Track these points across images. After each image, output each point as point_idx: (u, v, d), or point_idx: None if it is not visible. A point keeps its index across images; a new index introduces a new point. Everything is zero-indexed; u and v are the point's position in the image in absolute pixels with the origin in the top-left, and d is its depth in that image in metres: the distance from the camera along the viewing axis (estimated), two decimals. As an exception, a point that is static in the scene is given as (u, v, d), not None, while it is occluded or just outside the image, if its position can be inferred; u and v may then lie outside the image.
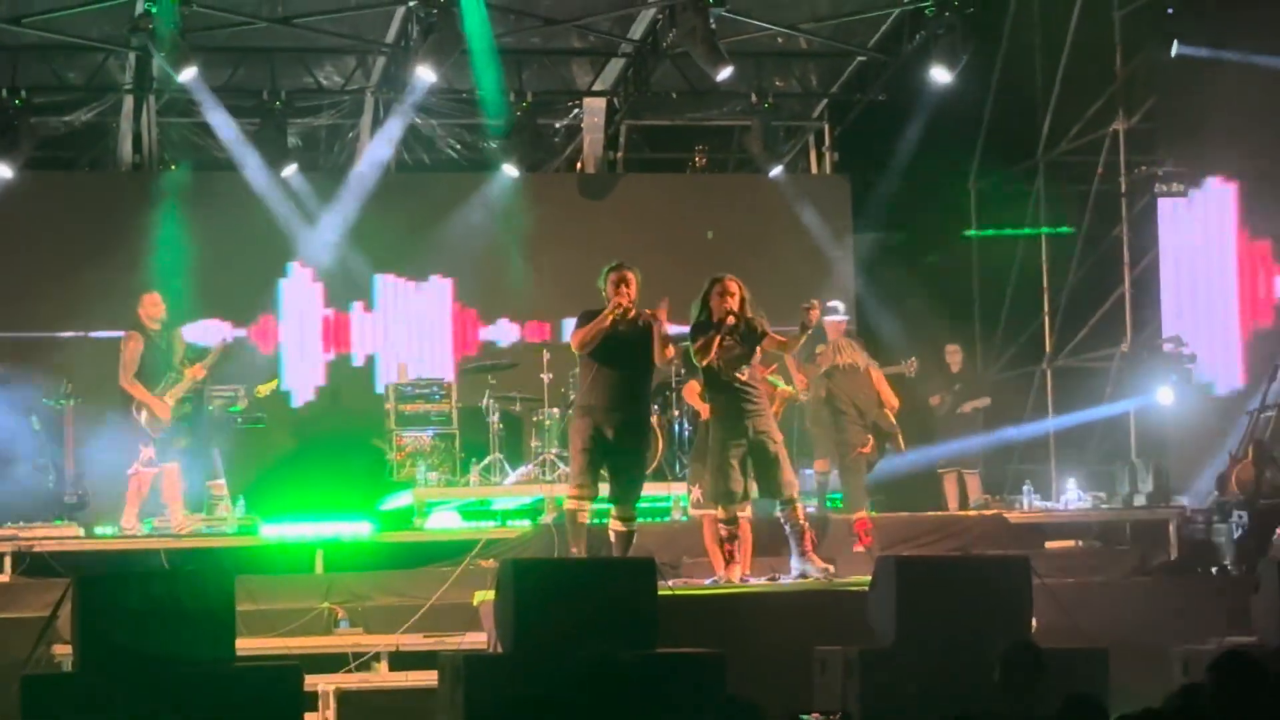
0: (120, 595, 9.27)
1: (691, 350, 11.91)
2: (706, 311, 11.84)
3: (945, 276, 19.30)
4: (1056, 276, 18.75)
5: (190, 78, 16.33)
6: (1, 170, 17.02)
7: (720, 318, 11.73)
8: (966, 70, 17.21)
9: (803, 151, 20.36)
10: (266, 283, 18.20)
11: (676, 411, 15.91)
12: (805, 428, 14.95)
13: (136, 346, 14.55)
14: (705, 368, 11.86)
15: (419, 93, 17.48)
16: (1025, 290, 19.01)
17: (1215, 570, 14.71)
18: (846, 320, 15.26)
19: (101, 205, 18.09)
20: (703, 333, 11.79)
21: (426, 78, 16.58)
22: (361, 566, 13.85)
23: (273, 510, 15.24)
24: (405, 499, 15.52)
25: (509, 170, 18.40)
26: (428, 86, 17.14)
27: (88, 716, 8.94)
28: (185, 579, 9.86)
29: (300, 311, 18.42)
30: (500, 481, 15.72)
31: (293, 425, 17.50)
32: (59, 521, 15.08)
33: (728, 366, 11.79)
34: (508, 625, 9.71)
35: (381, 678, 12.51)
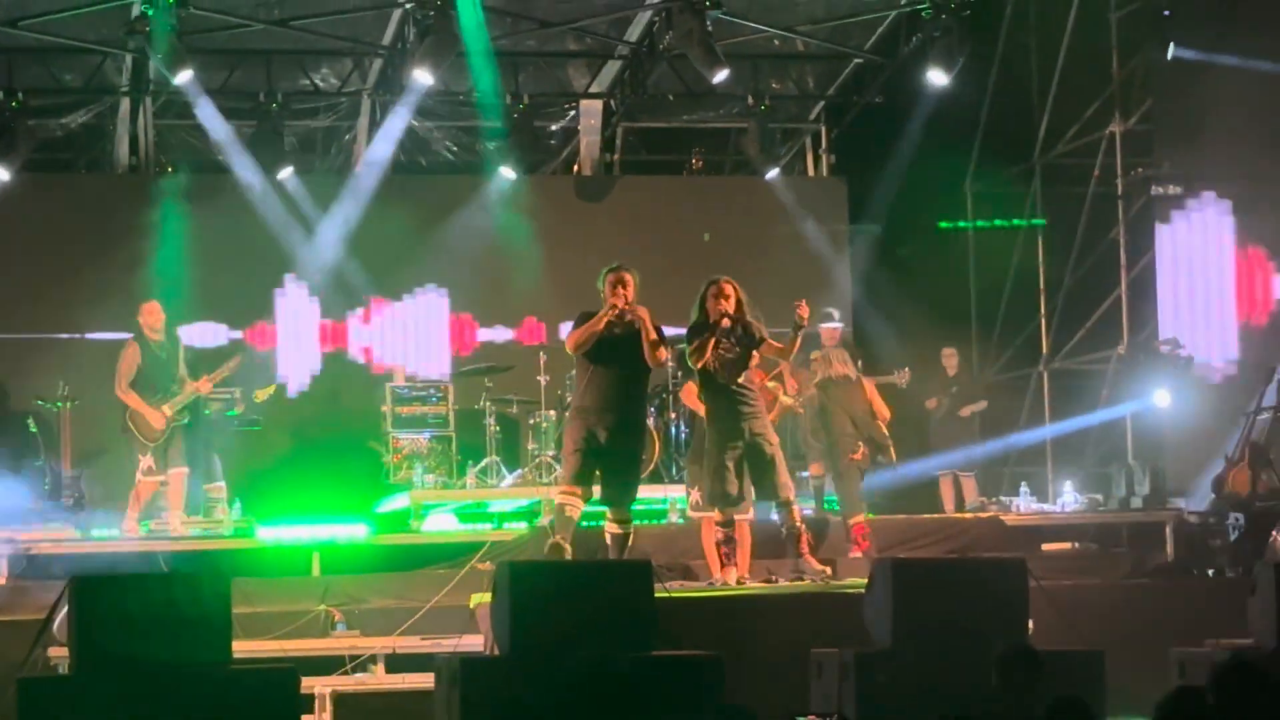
0: (117, 598, 9.26)
1: (686, 352, 11.91)
2: (703, 313, 11.83)
3: (942, 279, 19.29)
4: (1053, 279, 18.76)
5: (186, 80, 16.34)
6: (-2, 172, 17.04)
7: (715, 319, 11.73)
8: (963, 72, 17.21)
9: (799, 154, 20.36)
10: (263, 285, 18.18)
11: (673, 413, 15.90)
12: (802, 440, 14.92)
13: (133, 356, 14.54)
14: (701, 370, 11.85)
15: (417, 95, 17.47)
16: (1022, 293, 19.00)
17: (1211, 572, 14.71)
18: (841, 327, 15.23)
19: (98, 207, 18.07)
20: (698, 334, 11.78)
21: (424, 80, 16.57)
22: (358, 569, 13.84)
23: (269, 513, 15.24)
24: (402, 501, 15.51)
25: (506, 172, 18.40)
26: (425, 89, 17.13)
27: (84, 719, 8.94)
28: (181, 581, 9.87)
29: (297, 317, 18.41)
30: (497, 484, 15.72)
31: (289, 427, 17.48)
32: (55, 523, 15.08)
33: (724, 371, 11.78)
34: (504, 628, 9.71)
35: (378, 680, 12.50)
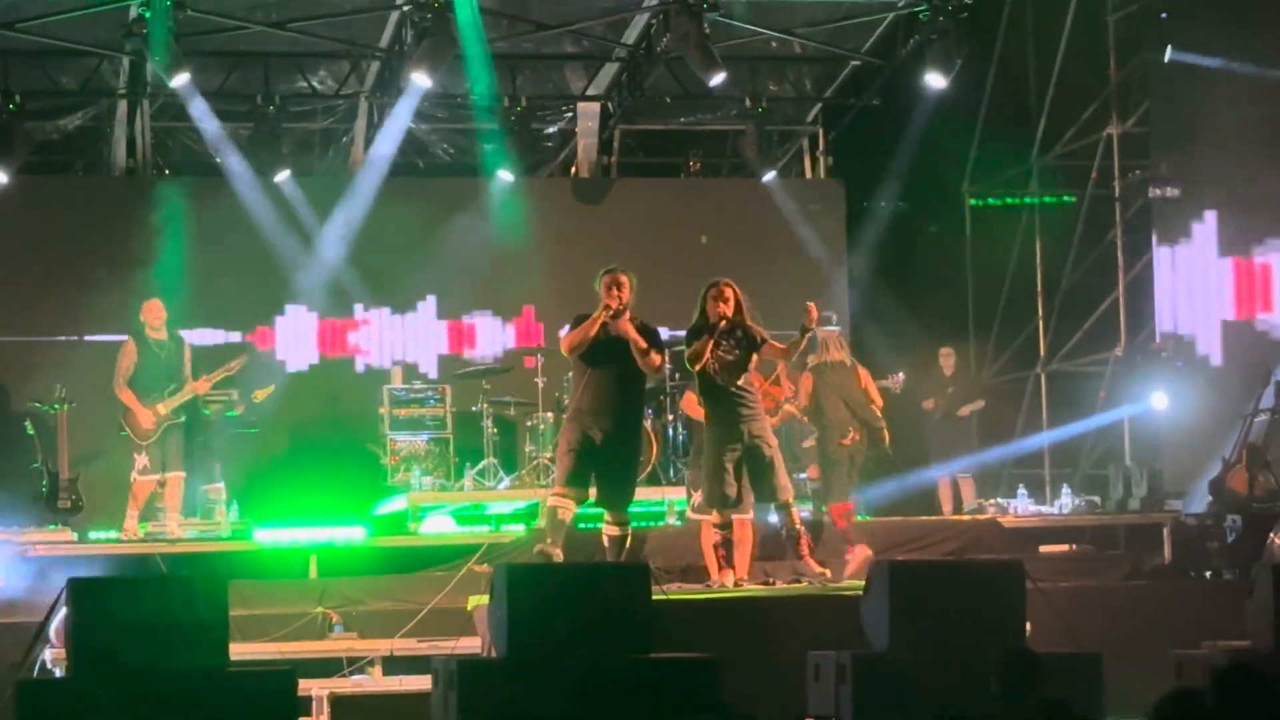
0: (114, 601, 9.26)
1: (685, 354, 11.90)
2: (703, 316, 11.83)
3: (939, 280, 19.29)
4: (1051, 281, 18.75)
5: (183, 83, 16.31)
6: (-4, 175, 17.03)
7: (715, 321, 11.72)
8: (961, 75, 17.20)
9: (797, 156, 20.35)
10: (262, 288, 18.15)
11: (671, 415, 15.90)
12: (796, 444, 14.86)
13: (131, 354, 14.59)
14: (700, 372, 11.84)
15: (417, 96, 17.43)
16: (1019, 294, 19.00)
17: (1209, 574, 14.72)
18: (838, 330, 15.21)
19: (95, 209, 18.06)
20: (697, 337, 11.78)
21: (422, 83, 16.55)
22: (355, 571, 13.83)
23: (267, 515, 15.23)
24: (399, 503, 15.50)
25: (503, 175, 18.38)
26: (424, 92, 17.11)
27: (81, 722, 8.96)
28: (179, 584, 9.88)
29: (296, 322, 18.43)
30: (494, 486, 15.71)
31: (287, 429, 17.46)
32: (53, 526, 15.08)
33: (723, 373, 11.77)
34: (502, 630, 9.71)
35: (375, 682, 12.49)
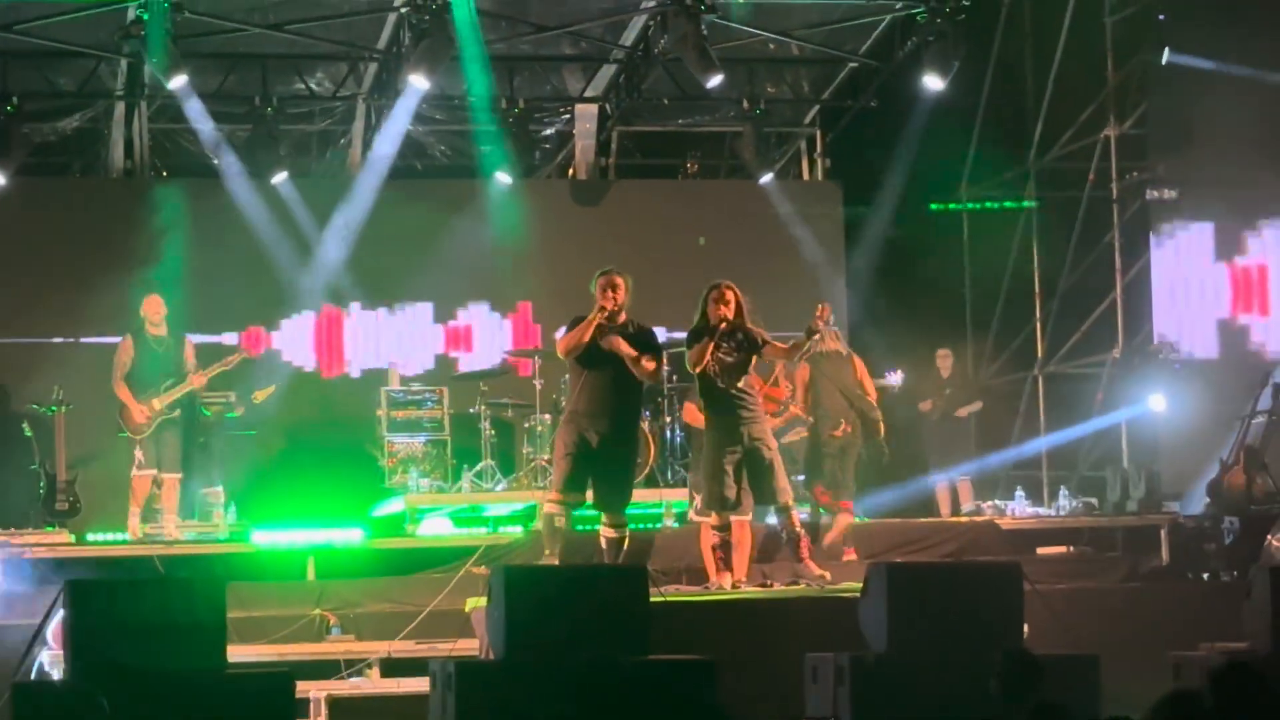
0: (111, 602, 9.26)
1: (686, 356, 11.92)
2: (703, 318, 11.84)
3: (937, 283, 19.29)
4: (1049, 282, 18.75)
5: (180, 85, 16.30)
6: (-6, 176, 17.02)
7: (715, 324, 11.73)
8: (958, 77, 17.20)
9: (794, 158, 20.34)
10: (259, 290, 18.13)
11: (669, 418, 15.89)
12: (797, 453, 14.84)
13: (127, 349, 14.64)
14: (701, 374, 11.85)
15: (417, 97, 17.40)
16: (1017, 296, 19.00)
17: (1207, 576, 14.73)
18: (835, 331, 15.17)
19: (93, 211, 18.05)
20: (698, 339, 11.79)
21: (420, 85, 16.54)
22: (353, 573, 13.83)
23: (264, 517, 15.23)
24: (397, 505, 15.50)
25: (501, 176, 18.37)
26: (422, 93, 17.09)
27: (78, 725, 8.95)
28: (176, 586, 9.87)
29: (292, 323, 18.43)
30: (492, 488, 15.71)
31: (284, 431, 17.46)
32: (50, 528, 15.08)
33: (724, 375, 11.77)
34: (499, 632, 9.71)
35: (373, 684, 12.49)
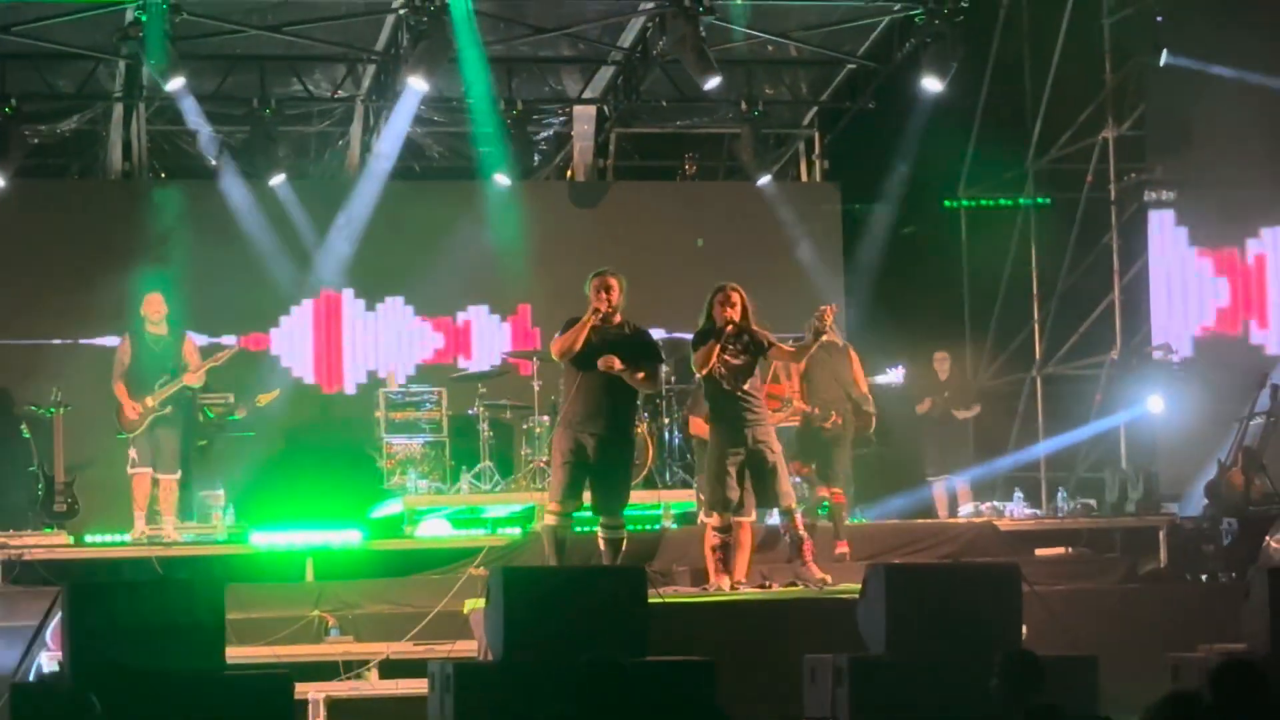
0: (110, 604, 9.26)
1: (692, 358, 11.93)
2: (709, 320, 11.86)
3: (935, 284, 19.29)
4: (1046, 284, 18.76)
5: (178, 87, 16.28)
6: (-8, 178, 17.00)
7: (721, 326, 11.74)
8: (956, 78, 17.21)
9: (793, 159, 20.33)
10: (257, 292, 18.12)
11: (667, 419, 15.89)
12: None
13: (125, 348, 14.71)
14: (706, 377, 11.86)
15: (415, 100, 17.39)
16: (1015, 297, 19.00)
17: (1205, 577, 14.73)
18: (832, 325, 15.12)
19: (91, 213, 18.04)
20: (704, 341, 11.81)
21: (418, 87, 16.54)
22: (352, 574, 13.83)
23: (263, 518, 15.22)
24: (395, 507, 15.50)
25: (499, 178, 18.36)
26: (421, 95, 17.09)
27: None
28: (175, 588, 9.87)
29: (291, 325, 18.43)
30: (490, 489, 15.70)
31: (283, 433, 17.45)
32: (48, 530, 15.09)
33: (730, 377, 11.78)
34: (498, 634, 9.71)
35: (372, 686, 12.49)
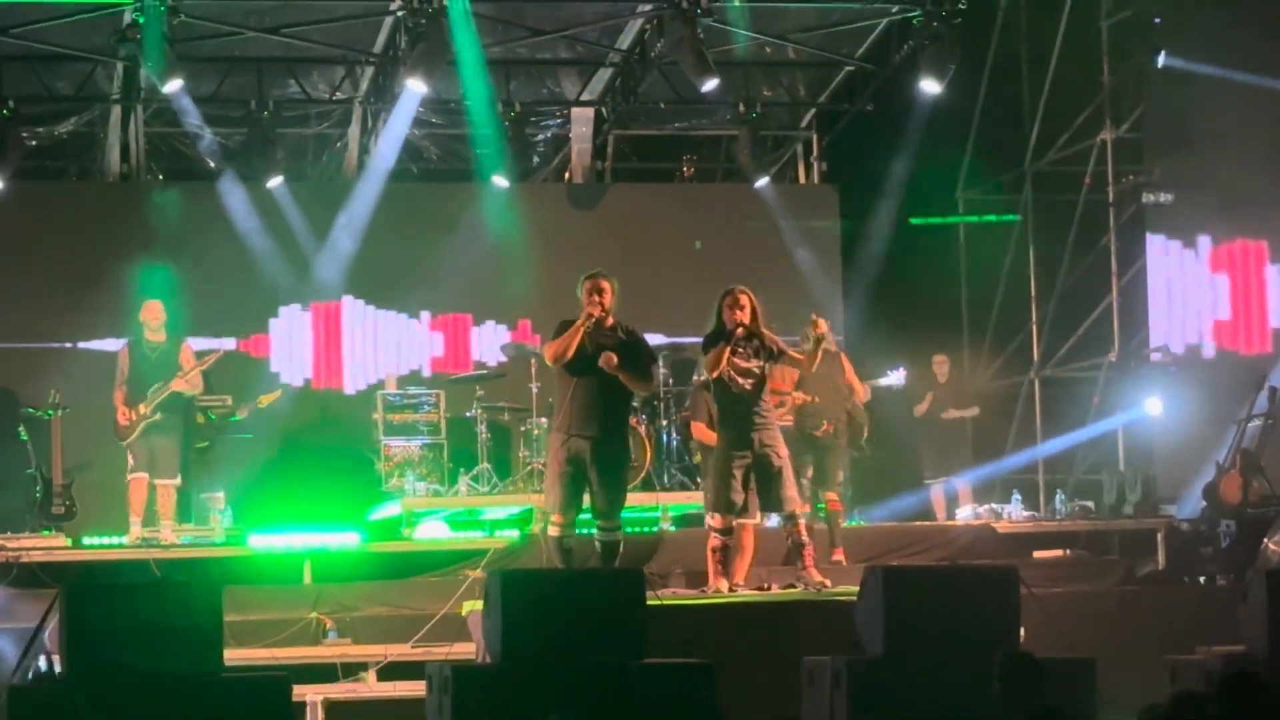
0: (108, 606, 9.25)
1: (702, 361, 11.94)
2: (719, 322, 11.86)
3: (933, 287, 19.29)
4: (1044, 286, 18.75)
5: (176, 89, 16.28)
6: (-10, 180, 16.99)
7: (731, 328, 11.75)
8: (954, 80, 17.20)
9: (791, 161, 20.33)
10: (254, 294, 18.12)
11: (665, 421, 15.90)
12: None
13: (123, 356, 14.78)
14: (716, 379, 11.86)
15: (414, 103, 17.38)
16: (1013, 300, 19.00)
17: (1203, 580, 14.74)
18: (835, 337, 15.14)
19: (89, 215, 18.03)
20: (714, 343, 11.81)
21: (417, 89, 16.54)
22: (350, 577, 13.84)
23: (261, 520, 15.22)
24: (394, 509, 15.51)
25: (497, 180, 18.36)
26: (420, 97, 17.08)
27: (74, 728, 8.94)
28: (173, 590, 9.85)
29: (290, 328, 18.42)
30: (489, 491, 15.70)
31: (281, 435, 17.45)
32: (46, 532, 15.09)
33: (739, 380, 11.73)
34: (496, 636, 9.71)
35: (370, 688, 12.50)
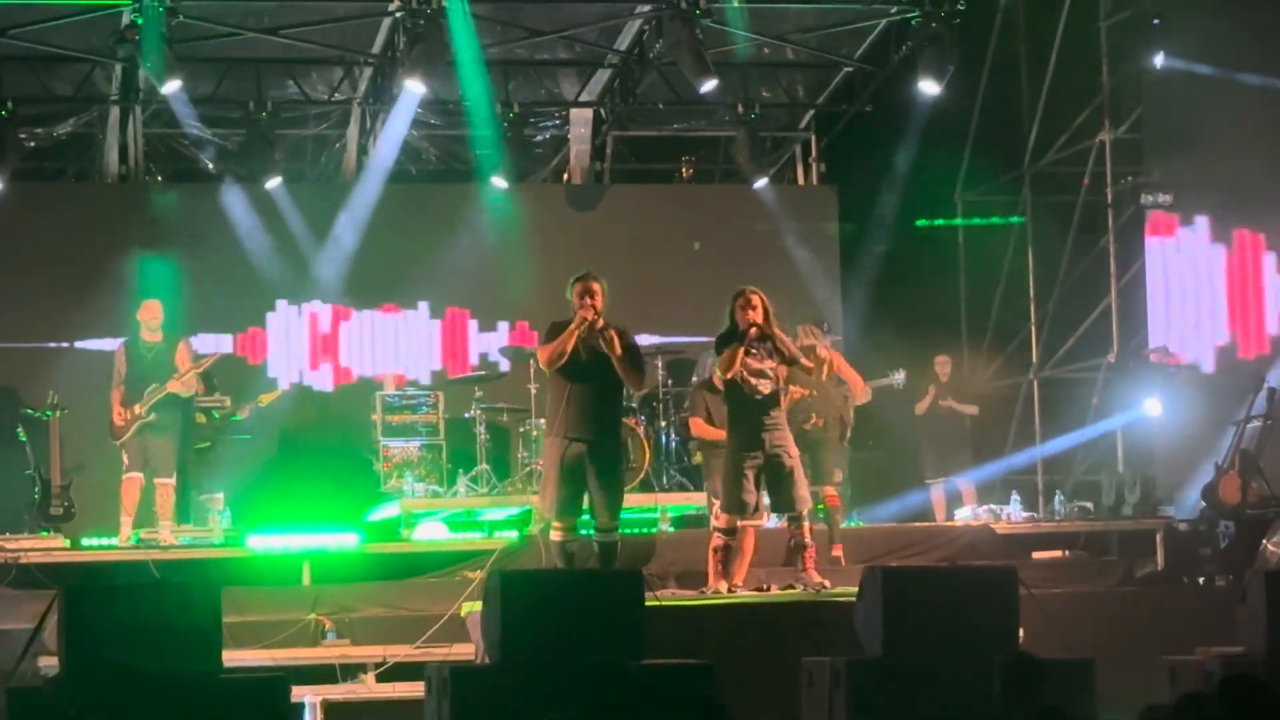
0: (107, 607, 9.23)
1: (716, 363, 11.93)
2: (732, 324, 11.87)
3: (932, 287, 19.28)
4: (1044, 287, 18.75)
5: (174, 90, 16.28)
6: (-11, 181, 16.99)
7: (744, 330, 11.76)
8: (953, 81, 17.21)
9: (789, 162, 20.34)
10: (256, 295, 18.12)
11: (664, 422, 15.89)
12: None
13: (120, 356, 14.76)
14: (728, 380, 11.87)
15: (413, 103, 17.38)
16: (1012, 301, 19.00)
17: (1202, 580, 14.73)
18: (812, 327, 15.09)
19: (87, 216, 18.03)
20: (727, 344, 11.82)
21: (416, 90, 16.54)
22: (348, 578, 13.83)
23: (259, 521, 15.21)
24: (392, 510, 15.50)
25: (496, 181, 18.36)
26: (418, 98, 17.08)
27: (73, 729, 8.94)
28: (172, 591, 9.84)
29: (288, 328, 18.41)
30: (487, 492, 15.70)
31: (279, 436, 17.46)
32: (45, 533, 15.08)
33: (751, 380, 11.74)
34: (495, 637, 9.70)
35: (369, 689, 12.49)
